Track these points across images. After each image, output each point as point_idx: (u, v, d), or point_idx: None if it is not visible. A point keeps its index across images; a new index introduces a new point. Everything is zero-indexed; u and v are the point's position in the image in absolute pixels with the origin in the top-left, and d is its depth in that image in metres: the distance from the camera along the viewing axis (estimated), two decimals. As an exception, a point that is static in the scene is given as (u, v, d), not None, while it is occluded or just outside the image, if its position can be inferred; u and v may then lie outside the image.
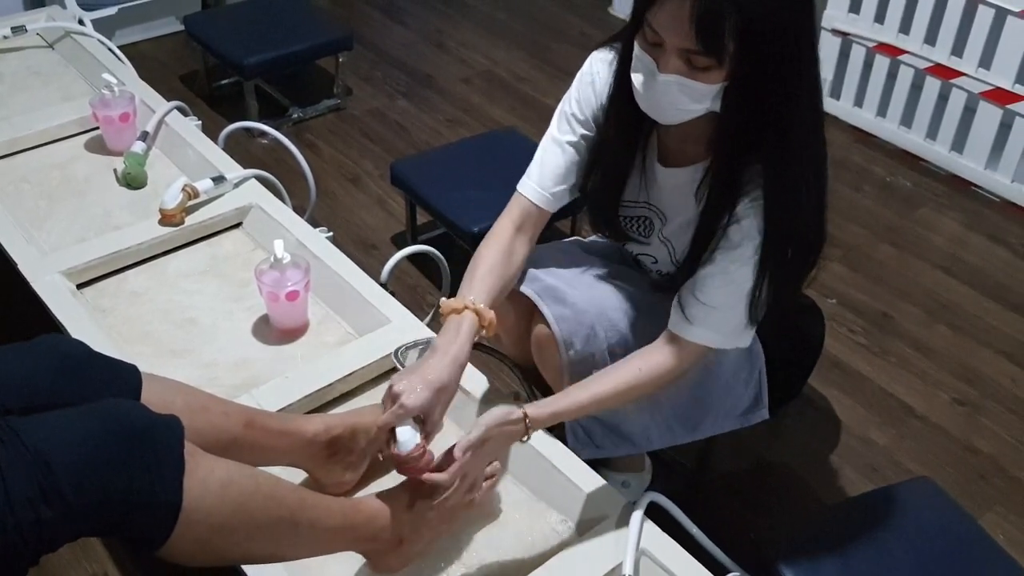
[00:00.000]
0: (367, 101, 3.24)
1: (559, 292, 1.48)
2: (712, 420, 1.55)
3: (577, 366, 1.47)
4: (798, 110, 1.23)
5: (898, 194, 2.87)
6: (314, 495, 1.23)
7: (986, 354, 2.29)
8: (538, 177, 1.48)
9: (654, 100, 1.26)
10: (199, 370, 1.68)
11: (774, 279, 1.31)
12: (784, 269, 1.32)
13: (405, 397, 1.24)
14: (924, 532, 1.47)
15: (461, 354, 1.31)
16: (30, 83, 2.46)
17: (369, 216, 2.69)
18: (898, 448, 2.04)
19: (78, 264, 1.82)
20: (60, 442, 0.99)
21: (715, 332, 1.36)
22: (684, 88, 1.21)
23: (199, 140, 2.18)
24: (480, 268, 1.43)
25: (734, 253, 1.31)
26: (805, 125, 1.25)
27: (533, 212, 1.48)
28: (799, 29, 1.19)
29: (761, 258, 1.30)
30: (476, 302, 1.36)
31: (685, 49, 1.18)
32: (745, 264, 1.30)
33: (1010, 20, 2.64)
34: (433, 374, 1.27)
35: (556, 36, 3.69)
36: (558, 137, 1.47)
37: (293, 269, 1.72)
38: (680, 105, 1.24)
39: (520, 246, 1.48)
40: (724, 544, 1.42)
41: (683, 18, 1.15)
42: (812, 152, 1.28)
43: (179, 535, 1.04)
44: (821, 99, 1.29)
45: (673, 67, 1.20)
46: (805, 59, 1.21)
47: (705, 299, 1.33)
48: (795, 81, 1.21)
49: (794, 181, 1.27)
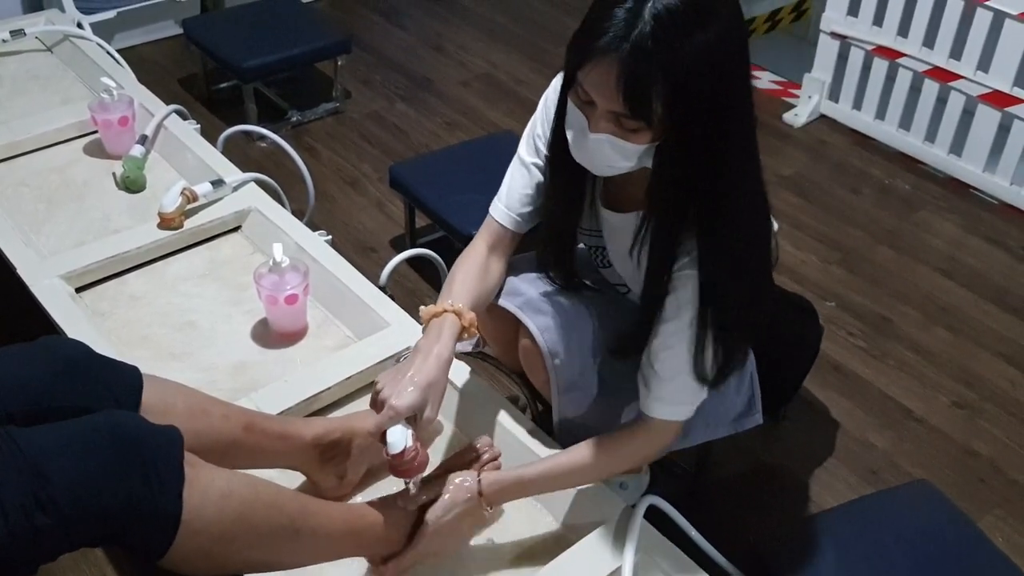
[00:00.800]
0: (366, 104, 3.24)
1: (539, 304, 1.48)
2: (704, 427, 1.55)
3: (563, 374, 1.47)
4: (729, 174, 1.21)
5: (897, 197, 2.87)
6: (316, 502, 1.23)
7: (985, 357, 2.29)
8: (506, 199, 1.48)
9: (586, 156, 1.26)
10: (198, 373, 1.68)
11: (719, 341, 1.29)
12: (726, 332, 1.29)
13: (394, 399, 1.23)
14: (923, 535, 1.47)
15: (444, 351, 1.30)
16: (29, 87, 2.47)
17: (368, 219, 2.69)
18: (897, 451, 2.04)
19: (77, 268, 1.82)
20: (57, 451, 0.99)
21: (678, 405, 1.35)
22: (615, 146, 1.21)
23: (198, 144, 2.18)
24: (457, 278, 1.43)
25: (671, 325, 1.30)
26: (738, 189, 1.23)
27: (504, 234, 1.49)
28: (728, 96, 1.17)
29: (697, 327, 1.28)
30: (455, 304, 1.36)
31: (613, 111, 1.17)
32: (683, 333, 1.29)
33: (1008, 23, 2.64)
34: (419, 373, 1.26)
35: (554, 39, 3.69)
36: (525, 159, 1.47)
37: (292, 272, 1.72)
38: (611, 162, 1.24)
39: (494, 264, 1.49)
40: (723, 547, 1.42)
41: (610, 82, 1.14)
42: (747, 217, 1.26)
43: (180, 545, 1.04)
44: (758, 166, 1.26)
45: (603, 127, 1.20)
46: (735, 125, 1.19)
47: (658, 370, 1.33)
48: (723, 145, 1.19)
49: (728, 247, 1.25)
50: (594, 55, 1.14)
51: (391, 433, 1.24)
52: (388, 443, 1.24)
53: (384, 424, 1.24)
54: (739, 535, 1.70)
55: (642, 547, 1.35)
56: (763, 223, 1.30)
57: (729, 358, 1.32)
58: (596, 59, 1.14)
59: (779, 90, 3.37)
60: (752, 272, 1.31)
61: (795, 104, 3.24)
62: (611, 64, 1.13)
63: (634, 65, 1.11)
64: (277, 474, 1.45)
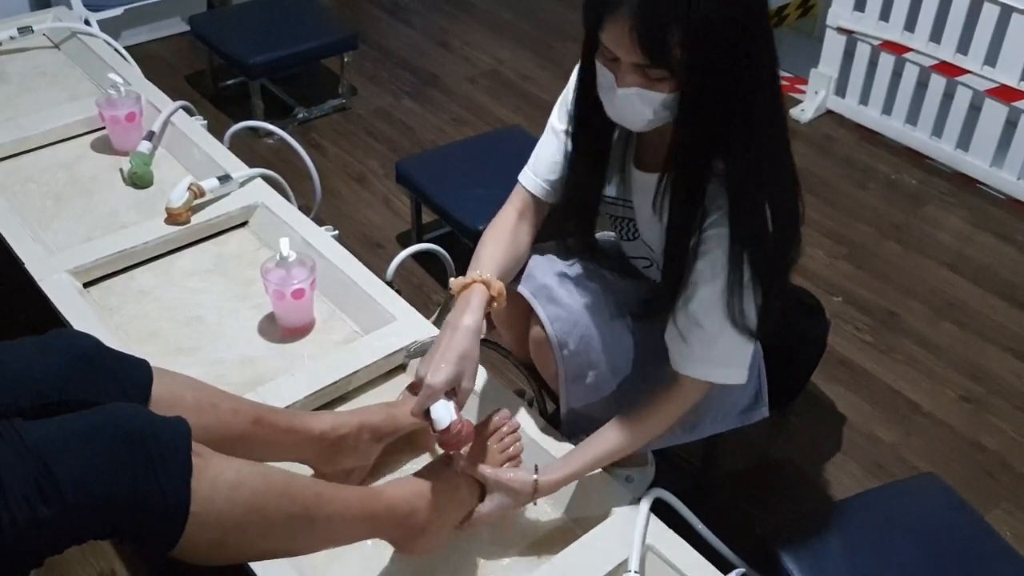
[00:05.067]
0: (372, 100, 3.24)
1: (553, 292, 1.48)
2: (711, 419, 1.55)
3: (572, 365, 1.47)
4: (753, 115, 1.23)
5: (904, 192, 2.87)
6: (331, 487, 1.22)
7: (992, 351, 2.29)
8: (535, 166, 1.51)
9: (618, 112, 1.28)
10: (206, 368, 1.69)
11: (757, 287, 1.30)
12: (764, 277, 1.30)
13: (430, 377, 1.26)
14: (930, 529, 1.46)
15: (473, 322, 1.32)
16: (37, 83, 2.47)
17: (374, 215, 2.69)
18: (904, 445, 2.04)
19: (85, 263, 1.83)
20: (61, 442, 0.99)
21: (727, 367, 1.37)
22: (643, 98, 1.23)
23: (205, 139, 2.18)
24: (486, 248, 1.46)
25: (709, 288, 1.31)
26: (763, 129, 1.25)
27: (532, 203, 1.51)
28: (748, 32, 1.18)
29: (734, 280, 1.29)
30: (483, 274, 1.38)
31: (637, 64, 1.20)
32: (720, 292, 1.30)
33: (1015, 17, 2.63)
34: (449, 348, 1.29)
35: (561, 35, 3.69)
36: (555, 126, 1.50)
37: (299, 267, 1.73)
38: (642, 115, 1.26)
39: (523, 233, 1.51)
40: (729, 540, 1.42)
41: (626, 34, 1.16)
42: (771, 151, 1.27)
43: (190, 536, 1.04)
44: (782, 106, 1.28)
45: (630, 80, 1.22)
46: (757, 60, 1.21)
47: (705, 327, 1.33)
48: (749, 83, 1.20)
49: (755, 186, 1.26)
50: (607, 11, 1.18)
51: (434, 410, 1.27)
52: (433, 420, 1.27)
53: (424, 403, 1.27)
54: (745, 528, 1.70)
55: (649, 540, 1.35)
56: (787, 160, 1.31)
57: (769, 305, 1.33)
58: (610, 15, 1.18)
59: (786, 86, 3.35)
60: (782, 212, 1.30)
61: (802, 99, 3.24)
62: (624, 17, 1.16)
63: (645, 13, 1.14)
64: (286, 467, 1.45)
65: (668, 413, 1.41)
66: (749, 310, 1.30)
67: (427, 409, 1.28)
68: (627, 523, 1.37)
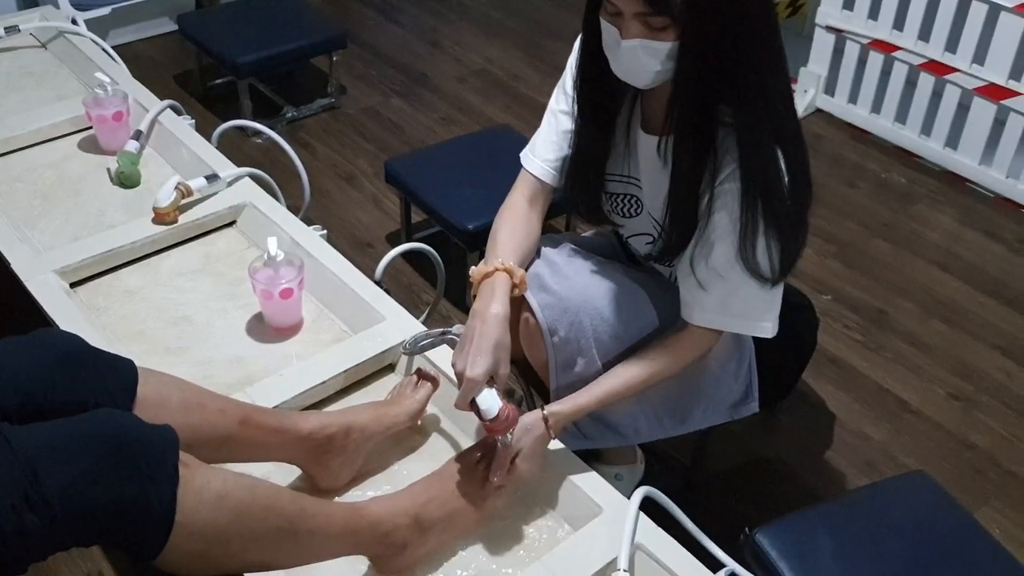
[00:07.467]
0: (361, 100, 3.24)
1: (544, 280, 1.50)
2: (701, 412, 1.56)
3: (562, 352, 1.48)
4: (758, 53, 1.25)
5: (893, 190, 2.87)
6: (315, 502, 1.22)
7: (981, 349, 2.29)
8: (535, 148, 1.54)
9: (624, 67, 1.30)
10: (193, 368, 1.68)
11: (772, 235, 1.32)
12: (778, 223, 1.32)
13: (469, 370, 1.29)
14: (920, 526, 1.46)
15: (500, 309, 1.35)
16: (23, 83, 2.46)
17: (364, 214, 2.69)
18: (893, 443, 2.04)
19: (72, 263, 1.82)
20: (49, 451, 0.99)
21: (732, 316, 1.40)
22: (647, 50, 1.25)
23: (192, 139, 2.17)
24: (502, 235, 1.48)
25: (726, 243, 1.33)
26: (766, 66, 1.27)
27: (538, 186, 1.54)
28: None
29: (749, 230, 1.31)
30: (505, 262, 1.40)
31: (639, 13, 1.22)
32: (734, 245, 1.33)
33: (1003, 16, 2.64)
34: (483, 338, 1.32)
35: (550, 34, 3.69)
36: (554, 107, 1.52)
37: (287, 267, 1.72)
38: (648, 66, 1.28)
39: (534, 219, 1.54)
40: (718, 538, 1.41)
41: None
42: (777, 89, 1.29)
43: (174, 547, 1.04)
44: (782, 53, 1.29)
45: (634, 32, 1.25)
46: (755, 11, 1.23)
47: (720, 273, 1.36)
48: (749, 26, 1.23)
49: (760, 134, 1.28)
50: None
51: (482, 400, 1.31)
52: (481, 410, 1.31)
53: (468, 395, 1.30)
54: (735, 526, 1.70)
55: (638, 539, 1.35)
56: (791, 108, 1.32)
57: (786, 252, 1.35)
58: None
59: (775, 84, 3.36)
60: (792, 156, 1.31)
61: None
62: None
63: None
64: (273, 468, 1.44)
65: (678, 357, 1.44)
66: (772, 258, 1.33)
67: (471, 399, 1.31)
68: (616, 522, 1.36)
